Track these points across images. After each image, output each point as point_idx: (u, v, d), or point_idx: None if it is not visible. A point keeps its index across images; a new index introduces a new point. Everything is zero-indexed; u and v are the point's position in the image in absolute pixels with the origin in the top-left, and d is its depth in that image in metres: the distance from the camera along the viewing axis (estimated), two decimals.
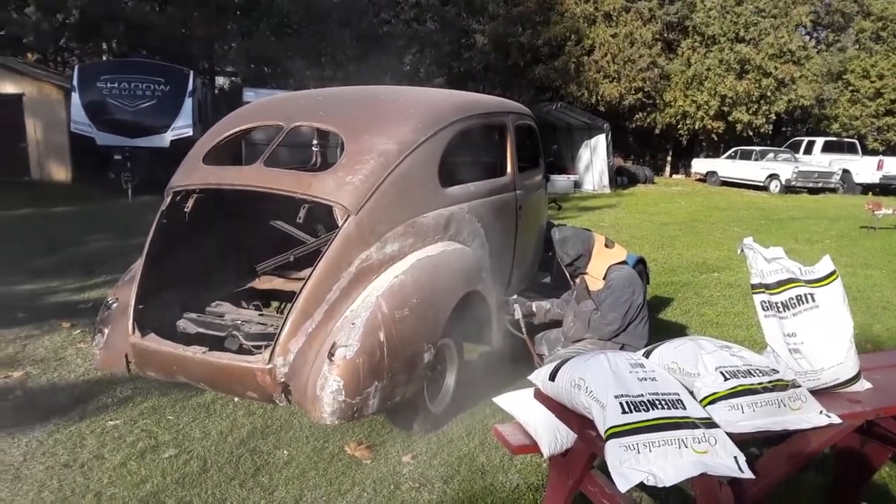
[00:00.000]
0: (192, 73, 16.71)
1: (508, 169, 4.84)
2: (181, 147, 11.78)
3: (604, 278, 4.00)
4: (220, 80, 29.13)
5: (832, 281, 2.57)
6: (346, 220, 3.46)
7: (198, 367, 3.44)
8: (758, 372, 2.22)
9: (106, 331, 3.78)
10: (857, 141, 25.61)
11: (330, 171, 3.71)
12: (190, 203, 3.91)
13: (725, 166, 24.86)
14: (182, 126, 15.85)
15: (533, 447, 2.62)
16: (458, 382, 4.07)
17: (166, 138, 15.64)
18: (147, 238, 3.78)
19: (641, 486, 2.93)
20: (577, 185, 21.28)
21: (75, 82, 15.71)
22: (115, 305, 3.84)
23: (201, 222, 4.02)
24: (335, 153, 4.61)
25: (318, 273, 3.37)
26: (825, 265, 2.60)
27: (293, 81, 20.90)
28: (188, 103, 16.09)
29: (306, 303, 3.32)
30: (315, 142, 5.48)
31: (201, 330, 3.84)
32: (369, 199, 3.52)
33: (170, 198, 3.89)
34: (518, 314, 4.31)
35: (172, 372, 3.57)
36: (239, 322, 3.90)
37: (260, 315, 4.20)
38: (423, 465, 3.46)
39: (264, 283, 4.67)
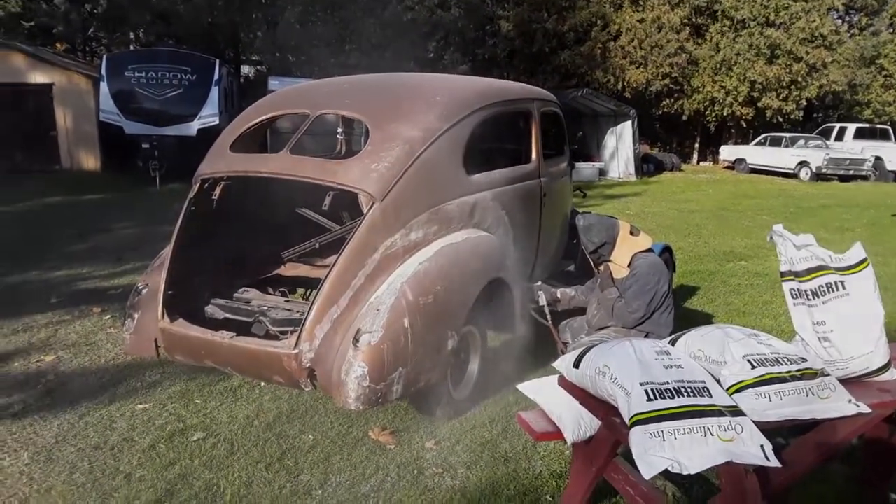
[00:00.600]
0: (217, 61, 16.84)
1: (533, 156, 4.81)
2: (208, 135, 11.90)
3: (628, 266, 3.98)
4: (246, 69, 29.33)
5: (863, 268, 2.53)
6: (371, 207, 3.47)
7: (225, 352, 3.49)
8: (786, 360, 2.20)
9: (136, 316, 3.85)
10: (889, 127, 25.02)
11: (355, 159, 3.73)
12: (217, 190, 3.95)
13: (754, 153, 24.47)
14: (209, 115, 15.99)
15: (556, 434, 2.62)
16: (482, 369, 4.08)
17: (193, 127, 15.79)
18: (175, 225, 3.84)
19: (666, 474, 2.92)
20: (603, 172, 21.11)
21: (103, 72, 15.91)
22: (144, 291, 3.91)
23: (229, 210, 4.06)
24: (360, 141, 4.62)
25: (343, 260, 3.39)
26: (856, 252, 2.56)
27: (318, 70, 20.95)
28: (214, 92, 16.22)
29: (332, 289, 3.34)
30: (340, 129, 5.50)
31: (229, 315, 3.90)
32: (394, 187, 3.52)
33: (198, 185, 3.93)
34: (542, 301, 4.30)
35: (200, 357, 3.62)
36: (265, 308, 3.95)
37: (286, 301, 4.24)
38: (446, 451, 3.48)
39: (290, 269, 4.72)
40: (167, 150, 15.01)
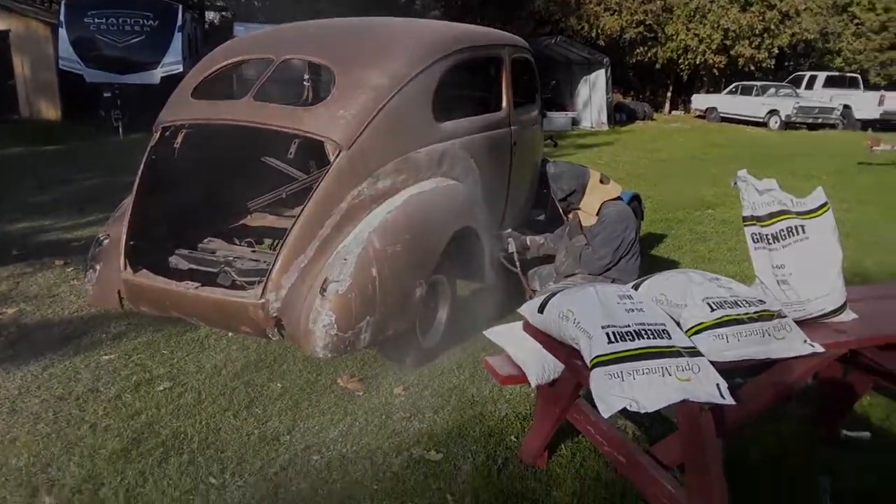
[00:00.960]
0: (181, 7, 16.26)
1: (504, 104, 4.75)
2: (171, 83, 11.57)
3: (597, 214, 4.00)
4: (210, 15, 28.39)
5: (823, 213, 2.56)
6: (338, 155, 3.42)
7: (191, 302, 3.46)
8: (744, 303, 2.23)
9: (98, 267, 3.78)
10: (859, 76, 25.20)
11: (321, 106, 3.66)
12: (179, 139, 3.86)
13: (725, 102, 24.53)
14: (172, 62, 15.52)
15: (521, 378, 2.66)
16: (450, 317, 4.09)
17: (156, 75, 15.34)
18: (137, 174, 3.74)
19: (626, 414, 3.00)
20: (575, 121, 21.01)
21: (62, 18, 15.31)
22: (106, 242, 3.83)
23: (191, 158, 3.97)
24: (328, 88, 4.53)
25: (309, 209, 3.34)
26: (817, 197, 2.59)
27: (284, 15, 20.37)
28: (178, 38, 15.73)
29: (298, 239, 3.31)
30: (306, 76, 5.37)
31: (193, 266, 3.85)
32: (361, 135, 3.47)
33: (159, 133, 3.83)
34: (512, 248, 4.32)
35: (165, 307, 3.58)
36: (231, 258, 3.90)
37: (252, 252, 4.19)
38: (414, 396, 3.52)
39: (256, 220, 4.66)
40: (129, 99, 14.59)
